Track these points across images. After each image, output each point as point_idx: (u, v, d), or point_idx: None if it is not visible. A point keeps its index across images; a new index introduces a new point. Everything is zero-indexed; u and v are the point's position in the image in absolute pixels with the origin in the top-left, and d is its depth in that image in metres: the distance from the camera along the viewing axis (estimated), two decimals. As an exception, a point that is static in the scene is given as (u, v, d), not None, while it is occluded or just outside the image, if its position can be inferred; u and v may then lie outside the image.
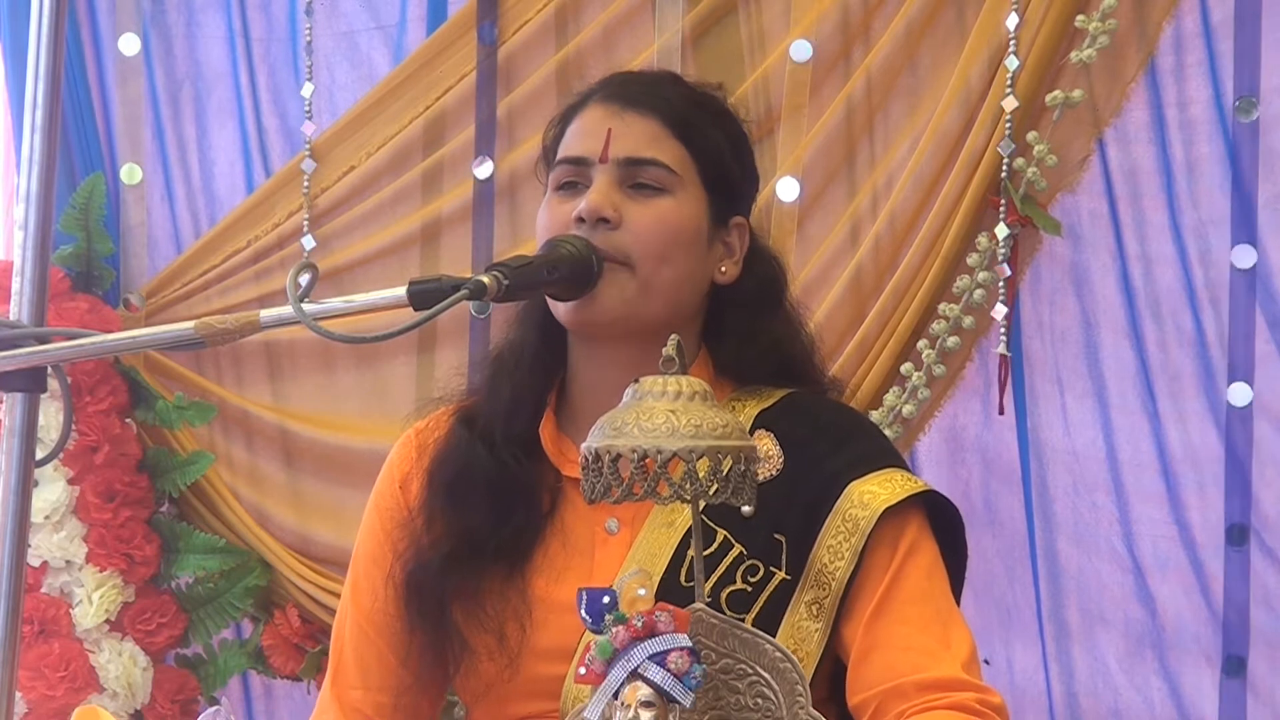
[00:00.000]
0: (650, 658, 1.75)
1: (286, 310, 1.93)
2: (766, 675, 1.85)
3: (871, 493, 2.11)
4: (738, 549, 2.11)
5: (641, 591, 1.78)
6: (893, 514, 2.11)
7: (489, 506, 2.18)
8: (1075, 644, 3.40)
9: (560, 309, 2.16)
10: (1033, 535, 3.41)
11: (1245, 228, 3.25)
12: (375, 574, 2.25)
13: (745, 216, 2.27)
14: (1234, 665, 3.28)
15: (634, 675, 1.75)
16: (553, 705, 2.12)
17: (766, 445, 2.16)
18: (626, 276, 2.14)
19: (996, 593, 3.43)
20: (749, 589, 2.10)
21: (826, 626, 2.09)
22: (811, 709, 1.84)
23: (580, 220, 2.14)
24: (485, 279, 2.00)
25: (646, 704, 1.74)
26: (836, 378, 2.35)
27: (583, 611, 1.79)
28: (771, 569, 2.10)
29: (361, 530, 2.31)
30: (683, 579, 2.10)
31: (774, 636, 2.04)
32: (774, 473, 2.14)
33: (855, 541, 2.09)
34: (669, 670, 1.74)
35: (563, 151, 2.21)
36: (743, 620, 2.05)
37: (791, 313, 2.29)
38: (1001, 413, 3.36)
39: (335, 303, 1.99)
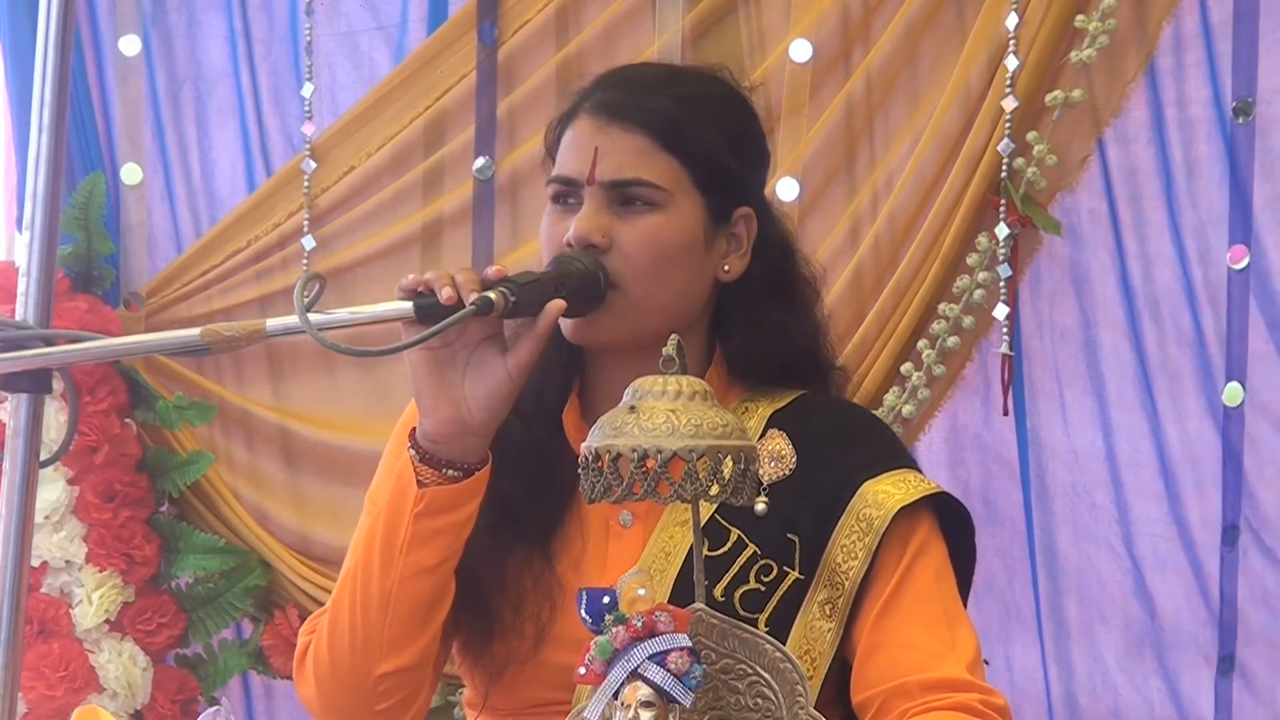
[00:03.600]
0: (650, 658, 1.75)
1: (293, 320, 1.93)
2: (766, 675, 1.85)
3: (886, 493, 2.11)
4: (751, 548, 2.11)
5: (641, 591, 1.78)
6: (905, 514, 2.11)
7: (522, 477, 2.18)
8: (1074, 643, 3.40)
9: (565, 325, 2.16)
10: (1032, 534, 3.42)
11: (1242, 228, 3.25)
12: None
13: (753, 203, 2.24)
14: (1228, 664, 3.28)
15: (634, 675, 1.75)
16: (564, 695, 2.12)
17: (779, 445, 2.16)
18: (620, 299, 2.13)
19: (996, 591, 3.43)
20: (762, 589, 2.10)
21: (839, 626, 2.09)
22: (811, 709, 1.84)
23: (569, 245, 2.14)
24: (492, 295, 2.00)
25: (646, 704, 1.74)
26: (844, 366, 2.34)
27: (583, 611, 1.79)
28: (785, 568, 2.11)
29: (376, 482, 2.29)
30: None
31: (787, 636, 2.06)
32: (787, 472, 2.15)
33: (869, 541, 2.09)
34: (669, 670, 1.74)
35: (556, 167, 2.20)
36: (756, 620, 2.05)
37: (800, 298, 2.26)
38: (1006, 413, 3.36)
39: (341, 314, 1.99)
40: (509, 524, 2.17)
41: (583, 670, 1.78)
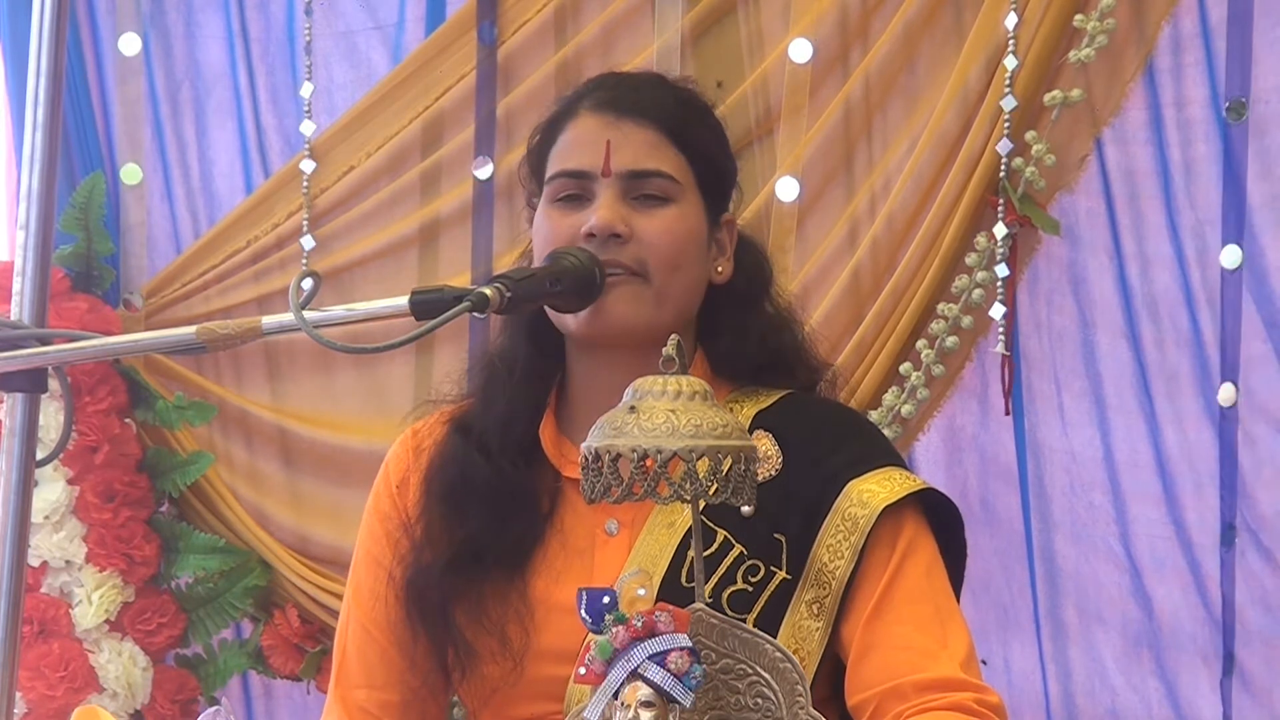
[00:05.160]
0: (650, 658, 1.75)
1: (288, 317, 1.93)
2: (766, 675, 1.85)
3: (871, 491, 2.11)
4: (738, 549, 2.12)
5: (641, 591, 1.78)
6: (891, 512, 2.11)
7: (487, 514, 2.19)
8: (1072, 644, 3.40)
9: (567, 320, 2.16)
10: (1030, 535, 3.41)
11: (1236, 228, 3.25)
12: (378, 574, 2.25)
13: (730, 211, 2.28)
14: (1226, 665, 3.28)
15: (634, 675, 1.75)
16: (557, 707, 2.12)
17: (765, 445, 2.16)
18: (641, 287, 2.14)
19: (994, 592, 3.43)
20: (750, 589, 2.10)
21: (827, 626, 2.09)
22: (811, 709, 1.84)
23: (590, 236, 2.14)
24: (488, 291, 2.00)
25: (646, 704, 1.74)
26: (832, 365, 2.35)
27: (583, 611, 1.79)
28: (772, 569, 2.11)
29: (361, 532, 2.31)
30: (684, 580, 2.10)
31: (775, 636, 2.04)
32: (773, 473, 2.15)
33: (855, 540, 2.09)
34: (669, 670, 1.74)
35: (560, 163, 2.20)
36: (744, 620, 2.05)
37: (780, 302, 2.29)
38: (1008, 414, 3.36)
39: (337, 311, 1.99)
40: (479, 561, 2.18)
41: (583, 670, 1.78)
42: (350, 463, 3.68)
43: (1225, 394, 3.25)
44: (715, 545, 2.12)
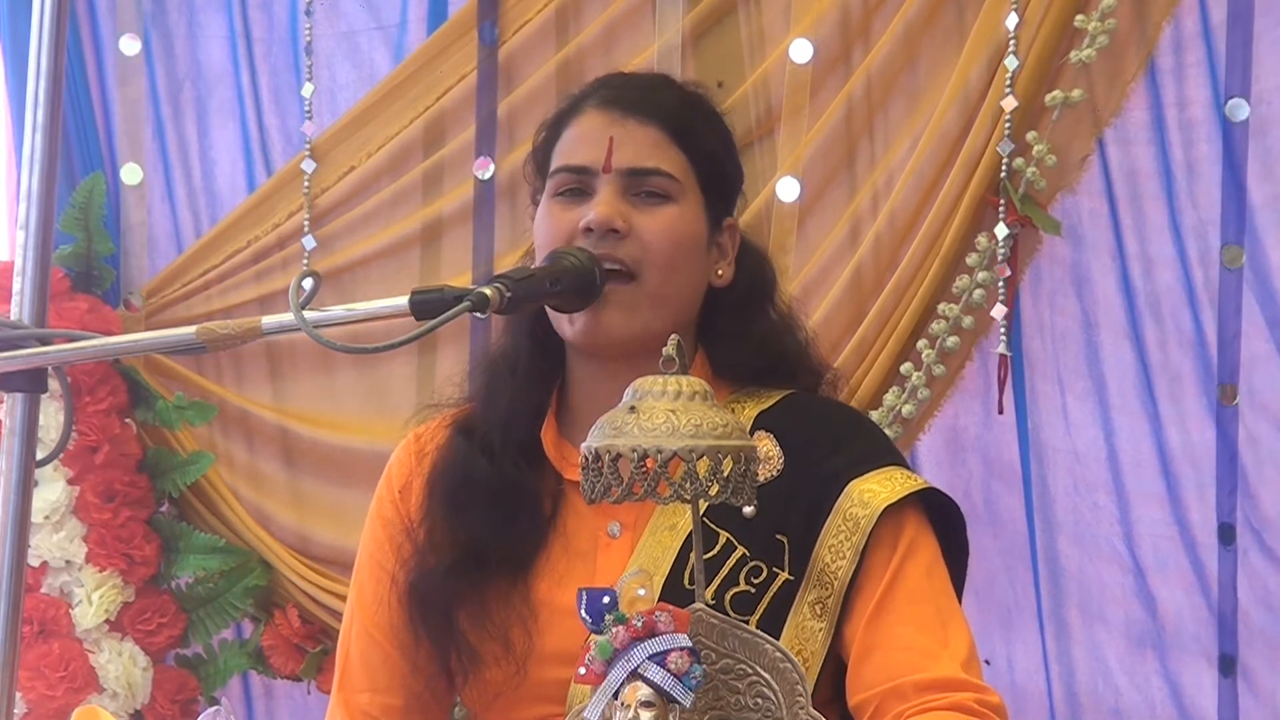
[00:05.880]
0: (650, 658, 1.75)
1: (288, 317, 1.93)
2: (766, 675, 1.85)
3: (872, 491, 2.11)
4: (740, 550, 2.11)
5: (641, 591, 1.78)
6: (892, 512, 2.11)
7: (490, 516, 2.18)
8: (1075, 644, 3.40)
9: (565, 326, 2.16)
10: (1033, 535, 3.41)
11: (1238, 228, 3.25)
12: (381, 578, 2.25)
13: (733, 216, 2.27)
14: (1227, 664, 3.28)
15: (634, 675, 1.75)
16: (560, 709, 2.12)
17: (766, 446, 2.16)
18: (633, 290, 2.14)
19: (997, 592, 3.43)
20: (753, 590, 2.10)
21: (830, 626, 2.09)
22: (811, 709, 1.84)
23: (588, 230, 2.14)
24: (488, 291, 2.00)
25: (646, 704, 1.74)
26: (835, 370, 2.35)
27: (583, 611, 1.79)
28: (774, 570, 2.11)
29: (364, 536, 2.31)
30: (686, 582, 2.10)
31: (778, 637, 2.05)
32: (774, 474, 2.15)
33: (856, 540, 2.09)
34: (669, 670, 1.74)
35: (562, 159, 2.20)
36: (747, 621, 2.05)
37: (782, 307, 2.29)
38: (1001, 412, 3.36)
39: (337, 311, 1.99)
40: (482, 564, 2.17)
41: (583, 670, 1.78)
42: (351, 463, 3.68)
43: (1228, 393, 3.25)
44: (718, 547, 2.11)
